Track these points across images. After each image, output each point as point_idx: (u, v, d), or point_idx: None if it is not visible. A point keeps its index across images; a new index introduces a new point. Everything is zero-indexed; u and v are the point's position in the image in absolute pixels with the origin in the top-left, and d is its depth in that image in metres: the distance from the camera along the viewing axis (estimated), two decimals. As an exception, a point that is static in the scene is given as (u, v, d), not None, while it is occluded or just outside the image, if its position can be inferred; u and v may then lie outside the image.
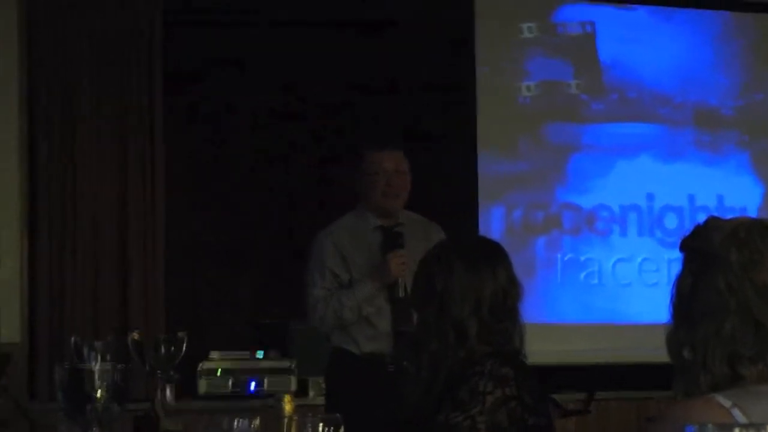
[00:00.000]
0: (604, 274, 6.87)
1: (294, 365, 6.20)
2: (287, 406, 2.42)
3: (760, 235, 1.86)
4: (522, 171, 6.83)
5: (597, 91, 7.00)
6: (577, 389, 6.37)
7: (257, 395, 6.10)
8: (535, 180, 6.84)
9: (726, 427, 1.25)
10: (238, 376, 6.19)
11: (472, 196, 6.69)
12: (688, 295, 1.87)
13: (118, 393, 2.41)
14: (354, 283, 4.54)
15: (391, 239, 4.58)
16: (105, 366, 2.52)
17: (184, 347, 3.45)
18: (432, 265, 3.06)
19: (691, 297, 1.86)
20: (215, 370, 6.19)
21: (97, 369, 2.45)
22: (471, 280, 2.97)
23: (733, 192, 7.06)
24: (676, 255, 1.97)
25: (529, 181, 6.83)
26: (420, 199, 4.88)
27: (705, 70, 7.16)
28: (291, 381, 6.16)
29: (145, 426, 3.41)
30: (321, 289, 4.56)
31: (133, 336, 3.50)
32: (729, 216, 1.96)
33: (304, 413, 2.16)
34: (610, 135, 6.98)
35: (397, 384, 3.21)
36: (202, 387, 6.14)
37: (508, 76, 6.90)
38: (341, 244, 4.60)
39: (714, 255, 1.84)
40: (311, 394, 6.12)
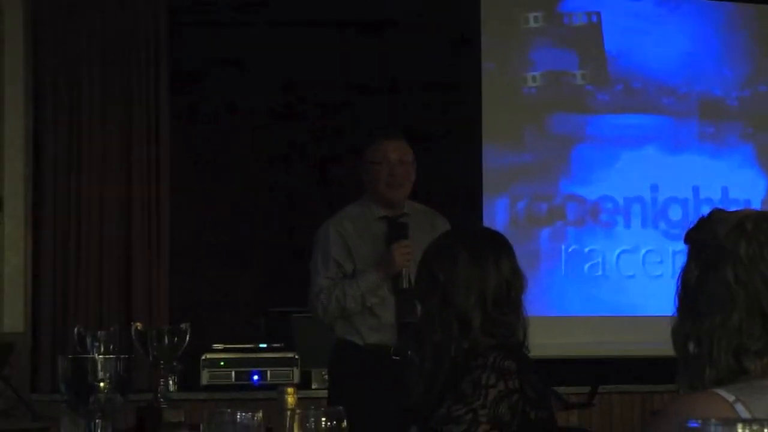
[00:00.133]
0: (608, 266, 6.87)
1: (297, 357, 6.21)
2: (290, 398, 2.41)
3: (768, 227, 1.86)
4: (526, 162, 6.82)
5: (602, 81, 7.00)
6: (580, 382, 6.37)
7: (260, 387, 6.10)
8: (539, 171, 6.84)
9: (729, 422, 1.24)
10: (241, 367, 6.20)
11: (476, 187, 6.69)
12: (694, 288, 1.87)
13: (121, 383, 2.41)
14: (358, 274, 4.53)
15: (396, 230, 4.57)
16: (108, 356, 2.51)
17: (187, 338, 3.45)
18: (436, 255, 3.05)
19: (697, 289, 1.86)
20: (218, 361, 6.20)
21: (100, 359, 2.44)
22: (475, 272, 2.96)
23: (738, 184, 7.05)
24: (681, 247, 1.96)
25: (533, 173, 6.83)
26: (424, 192, 4.88)
27: (710, 61, 7.15)
28: (294, 372, 6.17)
29: (148, 417, 3.41)
30: (325, 278, 4.56)
31: (137, 327, 3.51)
32: (733, 208, 1.95)
33: (306, 405, 2.15)
34: (615, 126, 6.97)
35: (401, 375, 3.21)
36: (205, 378, 6.15)
37: (513, 67, 6.89)
38: (346, 234, 4.59)
39: (721, 247, 1.84)
40: (314, 386, 6.12)
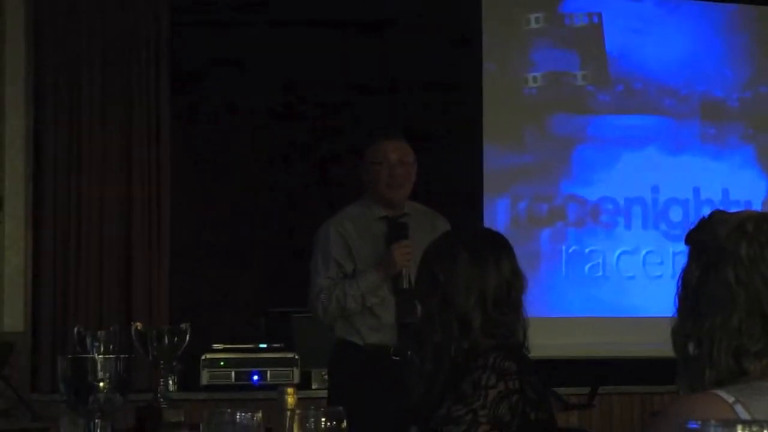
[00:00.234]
0: (608, 267, 6.87)
1: (297, 357, 6.20)
2: (290, 398, 2.41)
3: (768, 228, 1.86)
4: (527, 163, 6.82)
5: (603, 82, 7.00)
6: (580, 383, 6.37)
7: (260, 387, 6.10)
8: (540, 172, 6.84)
9: (728, 423, 1.24)
10: (241, 367, 6.20)
11: (477, 188, 6.69)
12: (694, 288, 1.87)
13: (121, 383, 2.41)
14: (358, 274, 4.53)
15: (396, 230, 4.57)
16: (108, 356, 2.51)
17: (187, 338, 3.45)
18: (436, 256, 3.05)
19: (697, 290, 1.86)
20: (218, 361, 6.20)
21: (100, 359, 2.44)
22: (475, 272, 2.96)
23: (738, 185, 7.05)
24: (681, 248, 1.96)
25: (534, 173, 6.83)
26: (424, 192, 4.87)
27: (711, 62, 7.15)
28: (294, 373, 6.17)
29: (148, 417, 3.41)
30: (325, 278, 4.55)
31: (137, 326, 3.51)
32: (734, 209, 1.95)
33: (306, 405, 2.15)
34: (616, 127, 6.97)
35: (401, 376, 3.21)
36: (205, 378, 6.15)
37: (514, 67, 6.90)
38: (346, 234, 4.59)
39: (721, 248, 1.84)
40: (314, 386, 6.12)
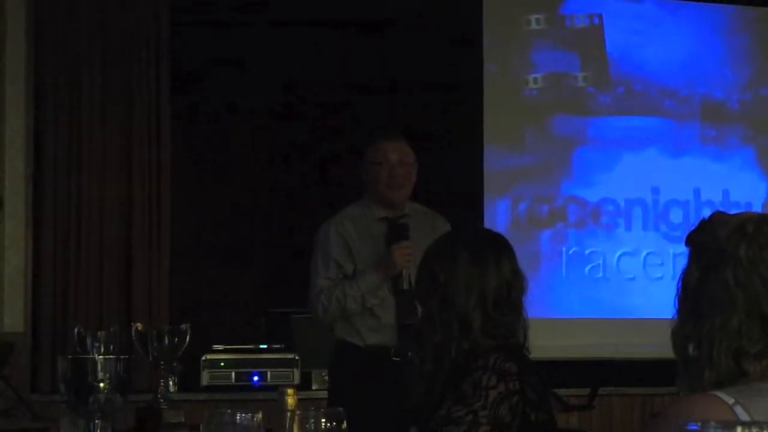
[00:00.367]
0: (608, 268, 6.87)
1: (297, 357, 6.20)
2: (290, 399, 2.41)
3: (768, 230, 1.86)
4: (527, 164, 6.82)
5: (603, 83, 7.00)
6: (580, 384, 6.37)
7: (260, 387, 6.10)
8: (540, 173, 6.84)
9: (728, 424, 1.24)
10: (241, 368, 6.20)
11: (477, 188, 6.69)
12: (694, 290, 1.87)
13: (121, 384, 2.41)
14: (358, 274, 4.53)
15: (396, 231, 4.57)
16: (108, 357, 2.51)
17: (188, 339, 3.45)
18: (436, 256, 3.05)
19: (697, 291, 1.86)
20: (218, 362, 6.20)
21: (100, 360, 2.44)
22: (475, 272, 2.96)
23: (739, 187, 7.05)
24: (681, 249, 1.96)
25: (534, 174, 6.83)
26: (424, 192, 4.87)
27: (711, 63, 7.15)
28: (294, 373, 6.17)
29: (148, 417, 3.41)
30: (325, 279, 4.55)
31: (137, 327, 3.51)
32: (734, 211, 1.95)
33: (306, 406, 2.15)
34: (616, 128, 6.98)
35: (401, 376, 3.21)
36: (205, 379, 6.15)
37: (515, 68, 6.90)
38: (346, 235, 4.59)
39: (721, 250, 1.84)
40: (314, 387, 6.12)
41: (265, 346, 6.32)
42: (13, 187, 6.25)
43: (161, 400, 3.42)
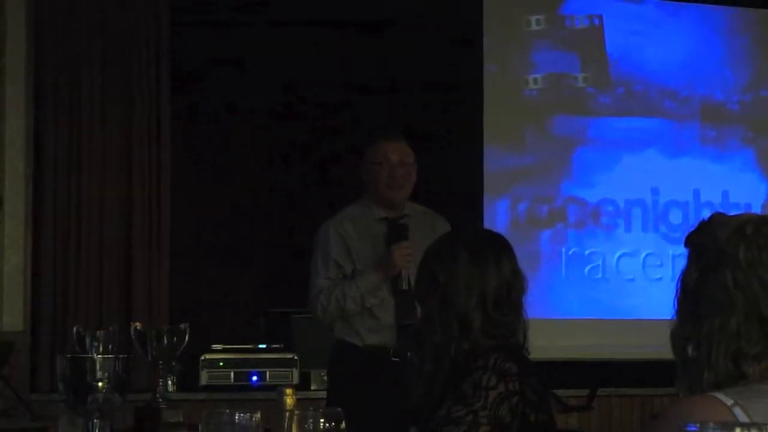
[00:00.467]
0: (608, 269, 6.87)
1: (296, 357, 6.20)
2: (289, 399, 2.41)
3: (768, 232, 1.86)
4: (527, 164, 6.82)
5: (603, 84, 7.00)
6: (579, 385, 6.37)
7: (259, 387, 6.10)
8: (540, 173, 6.84)
9: (727, 426, 1.24)
10: (240, 368, 6.20)
11: (477, 189, 6.69)
12: (693, 291, 1.86)
13: (120, 383, 2.41)
14: (357, 274, 4.53)
15: (396, 231, 4.57)
16: (107, 356, 2.51)
17: (187, 338, 3.45)
18: (436, 256, 3.05)
19: (696, 292, 1.86)
20: (217, 361, 6.19)
21: (99, 359, 2.44)
22: (475, 272, 2.96)
23: (738, 188, 7.05)
24: (681, 250, 1.96)
25: (534, 175, 6.83)
26: (424, 192, 4.87)
27: (711, 64, 7.15)
28: (293, 373, 6.17)
29: (147, 417, 3.41)
30: (324, 279, 4.55)
31: (136, 326, 3.51)
32: (733, 212, 1.95)
33: (305, 406, 2.15)
34: (616, 129, 6.98)
35: (400, 377, 3.20)
36: (204, 378, 6.15)
37: (515, 69, 6.90)
38: (346, 235, 4.59)
39: (721, 251, 1.84)
40: (313, 387, 6.12)
41: (264, 346, 6.32)
42: (13, 186, 6.25)
43: (160, 400, 3.42)
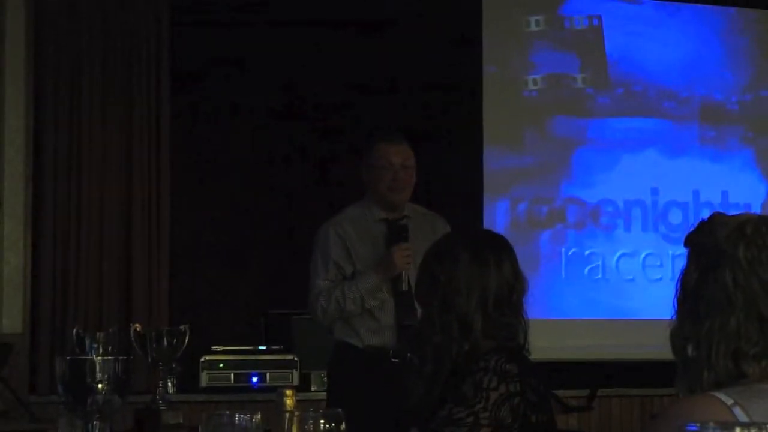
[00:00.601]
0: (607, 269, 6.87)
1: (296, 359, 6.20)
2: (289, 400, 2.40)
3: (768, 231, 1.86)
4: (527, 165, 6.82)
5: (603, 85, 7.00)
6: (580, 386, 6.37)
7: (259, 389, 6.10)
8: (540, 174, 6.84)
9: (727, 425, 1.24)
10: (240, 369, 6.19)
11: (477, 189, 6.68)
12: (693, 291, 1.86)
13: (120, 385, 2.41)
14: (357, 275, 4.53)
15: (396, 232, 4.57)
16: (107, 357, 2.50)
17: (186, 340, 3.45)
18: (436, 257, 3.05)
19: (696, 292, 1.85)
20: (217, 363, 6.19)
21: (98, 361, 2.44)
22: (476, 273, 2.96)
23: (738, 188, 7.05)
24: (680, 250, 1.96)
25: (533, 175, 6.83)
26: (424, 192, 4.87)
27: (711, 65, 7.15)
28: (293, 375, 6.16)
29: (147, 418, 3.41)
30: (324, 280, 4.55)
31: (136, 328, 3.51)
32: (733, 212, 1.95)
33: (305, 408, 2.15)
34: (616, 129, 6.98)
35: (401, 377, 3.20)
36: (204, 380, 6.14)
37: (514, 70, 6.90)
38: (346, 236, 4.59)
39: (720, 251, 1.84)
40: (314, 388, 6.12)
41: (264, 348, 6.32)
42: (12, 187, 6.25)
43: (160, 402, 3.42)
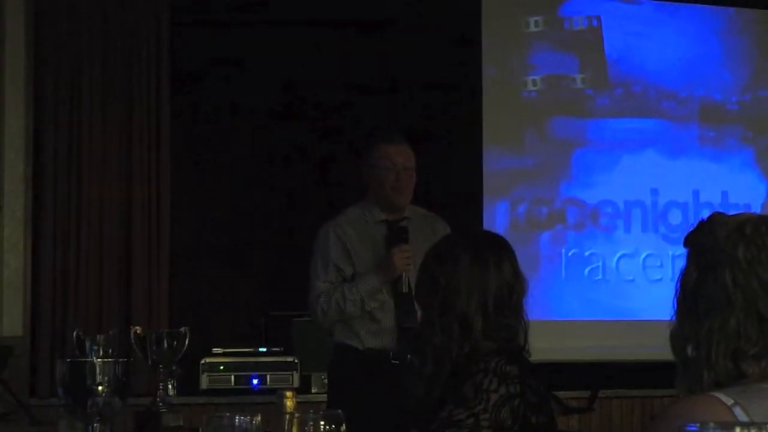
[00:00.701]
0: (607, 270, 6.87)
1: (297, 361, 6.20)
2: (289, 402, 2.41)
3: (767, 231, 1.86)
4: (527, 165, 6.82)
5: (602, 85, 7.00)
6: (580, 387, 6.37)
7: (260, 391, 6.09)
8: (539, 175, 6.84)
9: (727, 425, 1.24)
10: (241, 371, 6.19)
11: (477, 190, 6.68)
12: (692, 291, 1.86)
13: (120, 387, 2.41)
14: (357, 277, 4.52)
15: (396, 234, 4.56)
16: (107, 360, 2.50)
17: (186, 342, 3.45)
18: (436, 259, 3.05)
19: (695, 292, 1.86)
20: (218, 365, 6.19)
21: (98, 363, 2.44)
22: (476, 274, 2.96)
23: (738, 188, 7.05)
24: (680, 251, 1.96)
25: (533, 176, 6.82)
26: (424, 193, 4.86)
27: (710, 65, 7.15)
28: (294, 377, 6.16)
29: (147, 421, 3.41)
30: (324, 282, 4.55)
31: (136, 330, 3.51)
32: (733, 212, 1.95)
33: (306, 409, 2.15)
34: (615, 130, 6.98)
35: (401, 379, 3.20)
36: (204, 382, 6.14)
37: (514, 70, 6.89)
38: (346, 238, 4.58)
39: (720, 250, 1.84)
40: (314, 390, 6.12)
41: (264, 350, 6.31)
42: (12, 188, 6.25)
43: (160, 404, 3.42)
